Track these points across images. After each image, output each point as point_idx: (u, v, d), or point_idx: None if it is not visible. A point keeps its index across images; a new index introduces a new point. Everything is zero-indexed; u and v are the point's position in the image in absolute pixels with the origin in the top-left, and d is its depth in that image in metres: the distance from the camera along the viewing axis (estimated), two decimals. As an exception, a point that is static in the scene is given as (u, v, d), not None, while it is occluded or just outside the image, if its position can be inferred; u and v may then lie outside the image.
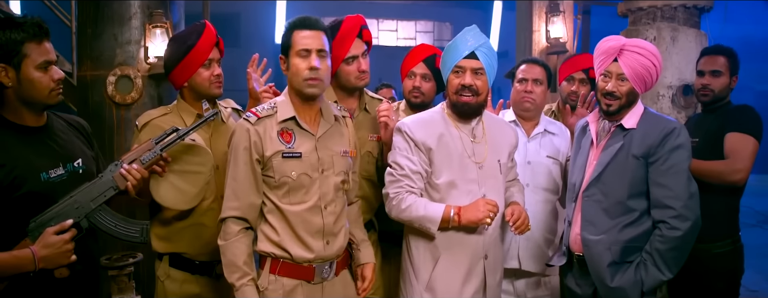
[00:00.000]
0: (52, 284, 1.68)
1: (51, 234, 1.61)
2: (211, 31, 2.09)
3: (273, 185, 1.86)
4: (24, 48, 1.64)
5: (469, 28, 2.07)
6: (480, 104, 2.06)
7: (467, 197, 2.02)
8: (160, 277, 2.14)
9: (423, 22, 14.87)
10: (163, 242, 2.11)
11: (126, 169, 1.74)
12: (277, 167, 1.84)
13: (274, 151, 1.84)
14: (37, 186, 1.66)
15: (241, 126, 1.85)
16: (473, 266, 2.04)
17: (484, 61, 2.01)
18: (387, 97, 4.01)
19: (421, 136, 2.03)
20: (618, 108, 2.05)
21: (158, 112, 2.13)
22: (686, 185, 1.97)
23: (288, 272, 1.87)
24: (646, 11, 3.51)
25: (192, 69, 2.06)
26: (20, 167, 1.64)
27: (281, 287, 1.85)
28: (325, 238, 1.89)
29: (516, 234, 2.06)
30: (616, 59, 2.03)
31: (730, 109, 2.64)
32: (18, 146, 1.67)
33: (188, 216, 2.08)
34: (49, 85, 1.69)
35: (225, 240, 1.84)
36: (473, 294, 2.04)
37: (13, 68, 1.64)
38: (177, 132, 1.84)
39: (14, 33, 1.63)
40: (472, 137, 2.09)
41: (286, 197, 1.86)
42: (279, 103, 1.90)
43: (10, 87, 1.66)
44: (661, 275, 1.97)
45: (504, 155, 2.13)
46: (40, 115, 1.76)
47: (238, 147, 1.84)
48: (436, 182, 2.04)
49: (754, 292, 4.87)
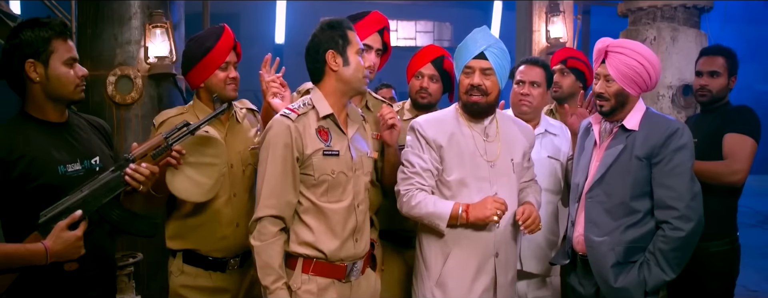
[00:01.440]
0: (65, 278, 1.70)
1: (63, 229, 1.62)
2: (229, 34, 2.13)
3: (311, 183, 1.85)
4: (51, 45, 1.71)
5: (479, 29, 2.09)
6: (489, 104, 2.07)
7: (478, 195, 2.03)
8: (174, 272, 2.15)
9: (423, 22, 14.86)
10: (177, 240, 2.14)
11: (133, 169, 1.74)
12: (317, 165, 1.84)
13: (315, 148, 1.85)
14: (54, 179, 1.69)
15: (281, 123, 1.83)
16: (483, 263, 2.04)
17: (493, 62, 2.03)
18: (387, 97, 4.03)
19: (432, 134, 2.06)
20: (610, 109, 2.06)
21: (175, 112, 2.17)
22: (689, 186, 1.97)
23: (321, 272, 1.87)
24: (646, 11, 3.51)
25: (209, 70, 2.10)
26: (39, 159, 1.68)
27: (315, 286, 1.85)
28: (355, 236, 1.92)
29: (525, 233, 2.06)
30: (604, 61, 2.04)
31: (728, 109, 2.64)
32: (39, 139, 1.72)
33: (202, 213, 2.10)
34: (75, 81, 1.76)
35: (261, 241, 1.81)
36: (483, 292, 2.04)
37: (41, 64, 1.71)
38: (188, 126, 1.85)
39: (42, 31, 1.70)
40: (484, 136, 2.10)
41: (325, 195, 1.87)
42: (315, 100, 1.90)
43: (38, 82, 1.72)
44: (664, 276, 1.97)
45: (518, 155, 2.14)
46: (63, 112, 1.81)
47: (278, 144, 1.81)
48: (447, 179, 2.06)
49: (754, 292, 4.87)
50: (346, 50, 1.88)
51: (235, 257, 2.16)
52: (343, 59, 1.88)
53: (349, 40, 1.89)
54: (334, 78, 1.90)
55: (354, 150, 1.94)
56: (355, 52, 1.90)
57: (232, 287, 2.18)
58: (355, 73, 1.90)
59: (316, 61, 1.90)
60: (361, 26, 2.24)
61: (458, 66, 2.10)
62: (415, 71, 2.49)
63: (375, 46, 2.31)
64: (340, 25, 1.91)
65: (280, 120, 1.84)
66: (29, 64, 1.69)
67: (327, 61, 1.88)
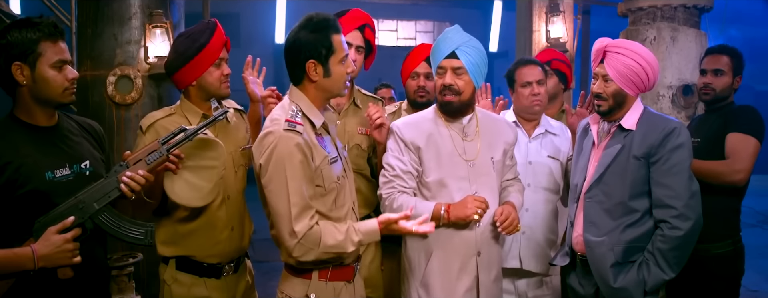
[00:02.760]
0: (57, 286, 1.68)
1: (52, 233, 1.61)
2: (221, 30, 2.06)
3: (321, 194, 1.79)
4: (39, 47, 1.67)
5: (450, 29, 2.08)
6: (463, 103, 2.07)
7: (458, 195, 2.04)
8: (167, 281, 2.07)
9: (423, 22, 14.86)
10: (170, 246, 2.06)
11: (129, 176, 1.70)
12: (326, 175, 1.78)
13: (322, 158, 1.78)
14: (41, 185, 1.66)
15: (290, 139, 1.70)
16: (465, 262, 2.06)
17: (465, 60, 2.02)
18: (387, 97, 4.03)
19: (409, 135, 2.08)
20: (607, 109, 2.07)
21: (162, 114, 2.07)
22: (687, 185, 1.97)
23: (337, 276, 1.84)
24: (646, 11, 3.51)
25: (203, 68, 2.01)
26: (26, 166, 1.65)
27: (332, 290, 1.83)
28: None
29: (504, 234, 2.06)
30: (603, 60, 2.05)
31: (732, 109, 2.63)
32: (26, 145, 1.68)
33: (196, 218, 2.04)
34: (64, 84, 1.71)
35: (314, 249, 1.72)
36: (466, 291, 2.05)
37: (28, 66, 1.67)
38: (184, 132, 1.79)
39: (30, 32, 1.65)
40: (463, 135, 2.11)
41: (334, 203, 1.82)
42: (306, 110, 1.80)
43: (25, 85, 1.68)
44: (664, 275, 1.97)
45: (498, 153, 2.14)
46: (52, 115, 1.77)
47: (293, 163, 1.70)
48: (427, 180, 2.08)
49: (754, 292, 4.87)
50: (329, 60, 1.76)
51: (230, 262, 2.11)
52: (324, 70, 1.77)
53: (334, 49, 1.76)
54: (313, 87, 1.80)
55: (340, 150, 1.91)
56: (338, 62, 1.78)
57: (228, 295, 2.12)
58: (334, 83, 1.80)
59: (295, 66, 1.79)
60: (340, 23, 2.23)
61: (433, 67, 2.11)
62: (410, 72, 2.49)
63: (355, 43, 2.30)
64: (325, 29, 1.76)
65: (287, 137, 1.70)
66: (15, 67, 1.66)
67: (307, 70, 1.77)
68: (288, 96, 1.85)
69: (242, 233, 2.15)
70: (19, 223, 1.64)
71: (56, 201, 1.67)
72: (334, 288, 1.84)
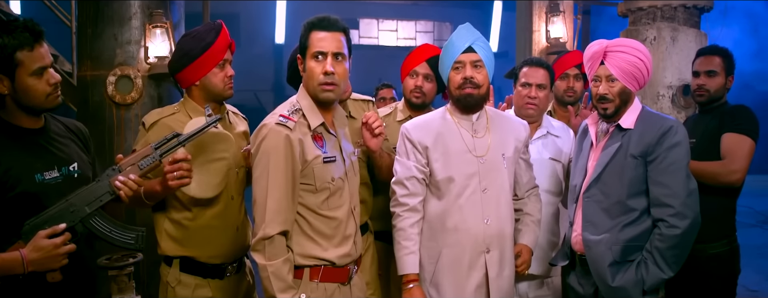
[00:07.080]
0: (44, 288, 1.66)
1: (43, 237, 1.59)
2: (226, 31, 2.05)
3: (310, 191, 1.79)
4: (16, 56, 1.63)
5: (463, 26, 2.11)
6: (482, 96, 2.09)
7: (467, 192, 2.05)
8: (171, 282, 2.04)
9: (423, 22, 14.87)
10: (175, 247, 2.03)
11: (121, 181, 1.69)
12: (318, 173, 1.79)
13: (314, 156, 1.79)
14: (31, 187, 1.66)
15: (278, 133, 1.73)
16: (474, 260, 2.06)
17: (482, 54, 2.05)
18: (388, 98, 4.02)
19: (417, 136, 2.09)
20: (614, 110, 2.06)
21: (166, 112, 2.06)
22: (685, 183, 1.97)
23: (329, 277, 1.84)
24: (646, 11, 3.51)
25: (207, 68, 2.00)
26: (15, 168, 1.64)
27: (323, 292, 1.83)
28: (355, 238, 1.92)
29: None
30: (603, 62, 2.04)
31: (726, 109, 2.63)
32: (14, 147, 1.68)
33: (201, 218, 2.03)
34: (46, 90, 1.69)
35: (274, 260, 1.72)
36: (476, 289, 2.05)
37: (7, 77, 1.65)
38: (177, 138, 1.78)
39: (6, 39, 1.61)
40: (472, 132, 2.11)
41: (326, 202, 1.82)
42: (304, 106, 1.83)
43: (8, 94, 1.67)
44: (662, 274, 1.97)
45: (509, 149, 2.14)
46: (38, 118, 1.76)
47: (278, 155, 1.72)
48: (436, 179, 2.08)
49: (754, 292, 4.87)
50: (306, 55, 1.81)
51: (233, 263, 2.11)
52: (303, 65, 1.83)
53: (307, 45, 1.81)
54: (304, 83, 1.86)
55: (346, 152, 1.92)
56: (311, 56, 1.80)
57: (231, 295, 2.11)
58: (309, 81, 1.82)
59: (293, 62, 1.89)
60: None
61: (446, 64, 2.10)
62: (409, 70, 2.47)
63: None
64: (305, 26, 1.83)
65: (276, 130, 1.74)
66: None
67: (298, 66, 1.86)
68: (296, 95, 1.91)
69: (245, 233, 2.16)
70: (7, 225, 1.64)
71: (46, 203, 1.66)
72: (325, 289, 1.83)
